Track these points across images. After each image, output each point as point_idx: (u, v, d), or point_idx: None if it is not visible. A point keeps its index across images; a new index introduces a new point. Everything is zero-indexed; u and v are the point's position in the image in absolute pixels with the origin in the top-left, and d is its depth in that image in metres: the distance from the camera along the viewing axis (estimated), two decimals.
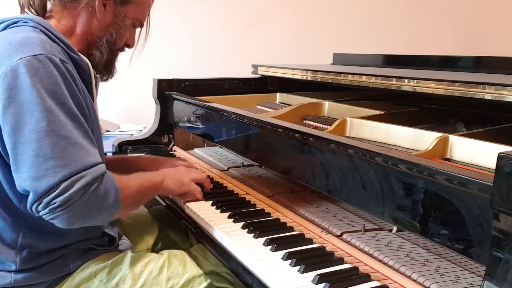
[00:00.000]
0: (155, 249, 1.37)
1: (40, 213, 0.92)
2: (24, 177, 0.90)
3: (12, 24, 1.03)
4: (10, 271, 1.02)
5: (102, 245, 1.14)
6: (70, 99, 0.95)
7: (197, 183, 1.29)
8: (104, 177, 0.97)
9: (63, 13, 1.09)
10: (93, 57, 1.14)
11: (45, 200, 0.89)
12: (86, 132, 0.98)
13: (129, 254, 1.13)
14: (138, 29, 1.22)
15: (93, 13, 1.09)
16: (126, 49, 1.22)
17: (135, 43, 1.23)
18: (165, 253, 1.17)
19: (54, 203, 0.89)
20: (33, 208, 0.91)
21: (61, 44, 1.02)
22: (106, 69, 1.18)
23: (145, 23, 1.22)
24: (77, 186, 0.91)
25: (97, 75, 1.16)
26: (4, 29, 1.03)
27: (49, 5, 1.11)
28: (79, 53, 1.07)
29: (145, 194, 1.15)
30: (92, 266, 1.09)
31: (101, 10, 1.10)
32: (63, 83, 0.94)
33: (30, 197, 0.91)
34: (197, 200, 1.28)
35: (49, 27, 1.03)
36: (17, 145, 0.90)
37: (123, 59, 1.24)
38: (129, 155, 1.77)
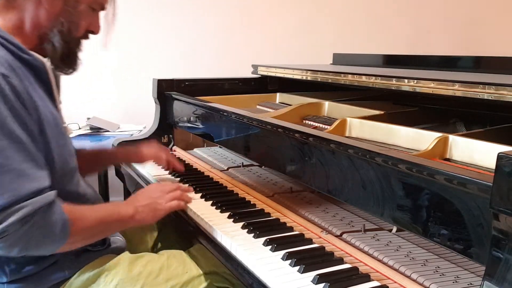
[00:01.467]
0: (154, 249, 1.37)
1: None
2: None
3: None
4: (2, 283, 0.99)
5: (94, 245, 1.10)
6: (12, 118, 0.87)
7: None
8: (50, 207, 0.89)
9: (6, 7, 0.99)
10: (47, 52, 1.03)
11: None
12: (29, 154, 0.89)
13: (127, 256, 1.12)
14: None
15: (39, 3, 0.98)
16: (92, 36, 1.11)
17: (100, 28, 1.11)
18: (165, 253, 1.16)
19: None
20: None
21: (10, 47, 0.93)
22: (65, 63, 1.07)
23: (108, 5, 1.10)
24: (12, 219, 0.83)
25: (57, 74, 1.08)
26: None
27: None
28: (32, 53, 0.98)
29: (109, 228, 1.07)
30: (90, 271, 1.06)
31: None
32: (3, 102, 0.86)
33: None
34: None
35: None
36: None
37: (125, 59, 1.22)
38: (107, 148, 1.73)
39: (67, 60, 1.06)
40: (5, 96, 0.87)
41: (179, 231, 1.39)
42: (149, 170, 1.60)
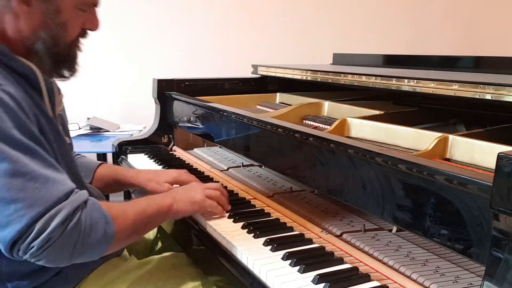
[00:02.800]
0: (154, 249, 1.37)
1: (23, 258, 0.83)
2: None
3: None
4: None
5: None
6: (17, 130, 0.82)
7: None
8: (87, 205, 0.86)
9: None
10: (36, 65, 0.95)
11: (22, 247, 0.80)
12: (44, 160, 0.85)
13: (131, 263, 1.11)
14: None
15: (16, 17, 0.91)
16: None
17: (98, 23, 1.02)
18: (169, 257, 1.16)
19: (32, 246, 0.80)
20: (14, 256, 0.83)
21: None
22: (60, 68, 1.00)
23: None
24: (55, 223, 0.80)
25: (51, 80, 1.00)
26: None
27: None
28: (19, 58, 0.91)
29: (149, 221, 1.01)
30: (94, 281, 1.05)
31: (24, 10, 0.90)
32: (5, 113, 0.81)
33: (2, 249, 0.82)
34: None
35: None
36: None
37: (125, 59, 1.21)
38: (124, 168, 1.58)
39: (62, 66, 1.00)
40: (6, 106, 0.83)
41: (179, 231, 1.39)
42: (145, 166, 1.59)
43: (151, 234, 1.38)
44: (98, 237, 0.87)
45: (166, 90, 1.89)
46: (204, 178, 1.51)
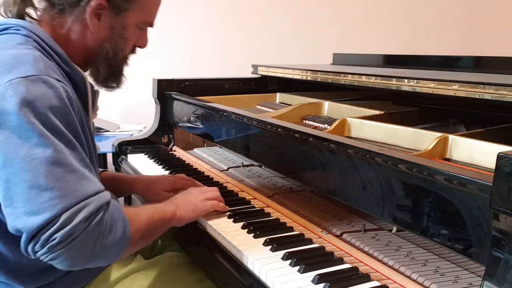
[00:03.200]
0: (154, 248, 1.37)
1: (38, 254, 0.81)
2: (18, 214, 0.80)
3: (3, 30, 0.93)
4: None
5: None
6: (65, 124, 0.86)
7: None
8: (109, 205, 0.87)
9: (55, 22, 0.97)
10: (91, 73, 1.05)
11: (43, 238, 0.79)
12: (83, 159, 0.88)
13: (141, 263, 1.13)
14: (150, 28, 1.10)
15: (85, 27, 0.97)
16: (138, 49, 1.12)
17: (148, 42, 1.12)
18: (174, 257, 1.17)
19: (54, 239, 0.79)
20: (29, 249, 0.81)
21: (56, 57, 0.93)
22: (109, 81, 1.08)
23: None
24: (79, 217, 0.80)
25: (96, 89, 1.07)
26: None
27: (36, 13, 0.99)
28: (75, 66, 0.97)
29: (157, 227, 1.02)
30: (105, 280, 1.07)
31: (95, 23, 0.97)
32: (57, 107, 0.85)
33: (24, 237, 0.80)
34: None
35: (43, 36, 0.93)
36: (8, 178, 0.80)
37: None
38: (123, 174, 1.62)
39: (112, 78, 1.07)
40: (61, 100, 0.86)
41: (179, 231, 1.39)
42: (149, 171, 1.60)
43: None
44: (116, 238, 0.87)
45: (166, 90, 1.89)
46: (204, 178, 1.51)
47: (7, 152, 0.80)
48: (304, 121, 1.51)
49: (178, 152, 1.87)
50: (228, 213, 1.18)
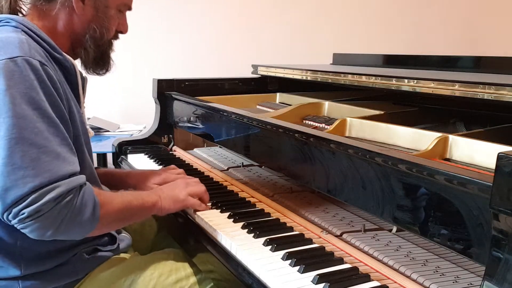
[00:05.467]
0: (155, 247, 1.37)
1: (11, 222, 0.88)
2: None
3: None
4: (17, 279, 0.99)
5: (105, 245, 1.13)
6: (48, 103, 0.91)
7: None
8: (82, 189, 0.92)
9: (41, 14, 1.05)
10: (80, 56, 1.10)
11: (14, 210, 0.86)
12: (65, 139, 0.93)
13: (137, 258, 1.14)
14: (128, 12, 1.17)
15: (71, 12, 1.05)
16: (120, 35, 1.17)
17: (128, 28, 1.18)
18: (173, 254, 1.17)
19: (23, 213, 0.85)
20: (4, 217, 0.88)
21: (44, 44, 0.98)
22: (98, 65, 1.14)
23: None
24: (48, 197, 0.86)
25: (85, 76, 1.12)
26: None
27: (25, 9, 1.06)
28: (64, 53, 1.03)
29: (133, 214, 1.08)
30: (102, 273, 1.08)
31: (79, 6, 1.05)
32: (40, 87, 0.90)
33: (0, 207, 0.87)
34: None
35: (32, 27, 0.99)
36: None
37: (125, 59, 1.23)
38: (116, 169, 1.68)
39: (101, 62, 1.14)
40: (43, 81, 0.91)
41: (178, 229, 1.39)
42: (145, 166, 1.60)
43: (151, 232, 1.39)
44: (84, 219, 0.92)
45: (166, 90, 1.89)
46: (204, 178, 1.51)
47: None
48: (304, 121, 1.51)
49: (178, 152, 1.87)
50: (228, 213, 1.18)
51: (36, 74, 0.90)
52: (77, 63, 1.12)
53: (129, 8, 1.16)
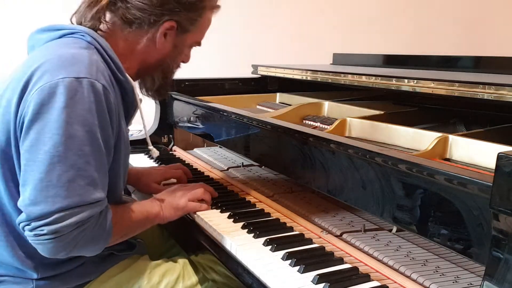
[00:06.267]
0: (166, 254, 1.36)
1: (26, 234, 0.89)
2: (25, 197, 0.88)
3: (69, 34, 1.00)
4: (32, 279, 1.00)
5: (122, 250, 1.13)
6: (99, 129, 0.92)
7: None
8: (101, 214, 0.94)
9: (119, 36, 1.05)
10: (145, 83, 1.14)
11: (34, 224, 0.87)
12: (103, 165, 0.95)
13: (147, 264, 1.14)
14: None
15: (151, 43, 1.05)
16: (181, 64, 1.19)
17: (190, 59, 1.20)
18: (181, 262, 1.18)
19: (42, 230, 0.87)
20: (21, 226, 0.89)
21: (112, 65, 0.99)
22: (159, 92, 1.17)
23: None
24: (70, 220, 0.88)
25: (140, 98, 1.13)
26: (61, 37, 1.00)
27: (104, 26, 1.05)
28: (127, 76, 1.04)
29: (138, 227, 1.11)
30: (112, 275, 1.09)
31: (162, 41, 1.06)
32: (96, 110, 0.91)
33: (22, 216, 0.89)
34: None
35: (105, 45, 1.00)
36: (29, 162, 0.88)
37: None
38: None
39: (163, 91, 1.17)
40: (101, 106, 0.92)
41: (178, 229, 1.39)
42: (145, 166, 1.59)
43: (158, 238, 1.38)
44: (99, 240, 0.96)
45: None
46: (204, 178, 1.51)
47: (37, 140, 0.87)
48: (304, 121, 1.51)
49: (178, 152, 1.87)
50: (228, 213, 1.18)
51: (97, 97, 0.91)
52: (136, 84, 1.13)
53: (199, 44, 1.18)
